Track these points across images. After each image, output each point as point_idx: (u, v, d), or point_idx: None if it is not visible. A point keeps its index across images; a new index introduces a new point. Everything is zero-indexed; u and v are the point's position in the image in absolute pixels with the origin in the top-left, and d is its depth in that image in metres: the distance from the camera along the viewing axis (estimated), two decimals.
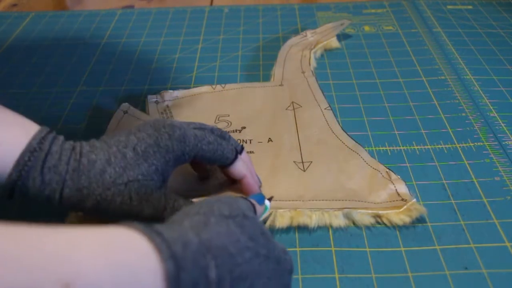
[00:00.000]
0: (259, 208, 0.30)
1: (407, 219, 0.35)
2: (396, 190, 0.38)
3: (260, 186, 0.37)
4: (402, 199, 0.37)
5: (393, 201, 0.37)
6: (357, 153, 0.41)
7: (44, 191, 0.29)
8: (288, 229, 0.36)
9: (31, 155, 0.28)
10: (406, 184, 0.38)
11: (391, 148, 0.43)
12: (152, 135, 0.31)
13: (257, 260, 0.24)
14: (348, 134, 0.43)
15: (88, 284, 0.17)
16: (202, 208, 0.25)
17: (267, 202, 0.32)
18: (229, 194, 0.37)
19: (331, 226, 0.36)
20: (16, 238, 0.17)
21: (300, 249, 0.34)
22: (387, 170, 0.39)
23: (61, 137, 0.31)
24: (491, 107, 0.48)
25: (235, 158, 0.35)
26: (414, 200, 0.36)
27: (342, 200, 0.37)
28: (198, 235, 0.22)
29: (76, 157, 0.30)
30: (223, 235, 0.23)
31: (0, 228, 0.17)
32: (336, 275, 0.33)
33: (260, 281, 0.24)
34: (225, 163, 0.35)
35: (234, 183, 0.37)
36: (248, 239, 0.24)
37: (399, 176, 0.39)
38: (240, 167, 0.35)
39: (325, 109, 0.47)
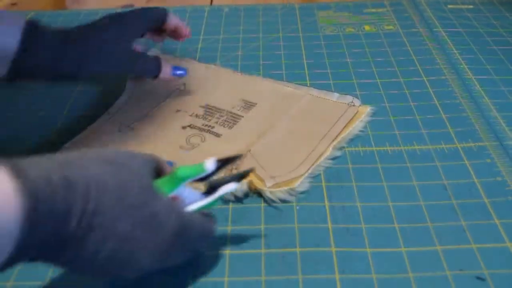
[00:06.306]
0: (167, 168, 0.32)
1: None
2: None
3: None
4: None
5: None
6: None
7: (58, 34, 0.38)
8: (289, 230, 0.36)
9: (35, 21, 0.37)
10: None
11: (391, 148, 0.43)
12: None
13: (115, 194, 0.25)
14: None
15: None
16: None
17: (232, 185, 0.32)
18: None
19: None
20: None
21: (300, 249, 0.34)
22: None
23: None
24: (492, 107, 0.48)
25: (166, 12, 0.46)
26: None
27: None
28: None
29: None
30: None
31: None
32: (337, 276, 0.32)
33: (121, 219, 0.25)
34: (164, 18, 0.46)
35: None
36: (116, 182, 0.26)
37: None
38: (175, 18, 0.47)
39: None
